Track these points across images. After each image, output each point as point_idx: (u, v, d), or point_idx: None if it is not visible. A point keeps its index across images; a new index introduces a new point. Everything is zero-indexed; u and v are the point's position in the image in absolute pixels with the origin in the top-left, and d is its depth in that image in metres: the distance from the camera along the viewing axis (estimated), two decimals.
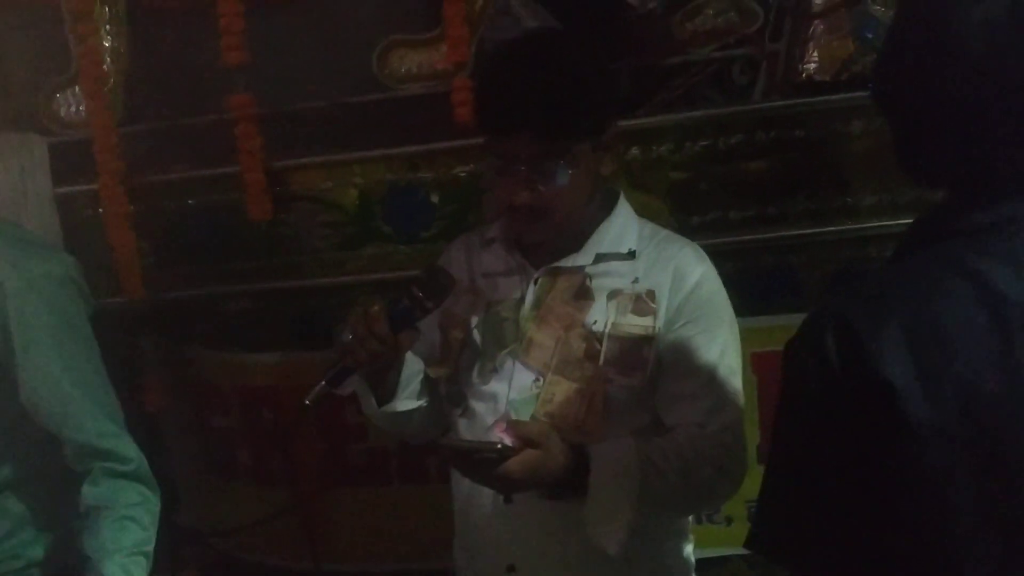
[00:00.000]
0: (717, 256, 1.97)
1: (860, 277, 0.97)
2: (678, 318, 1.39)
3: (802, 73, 1.93)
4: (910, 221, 1.01)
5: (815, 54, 1.92)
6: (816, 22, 1.91)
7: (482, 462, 1.29)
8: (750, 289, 1.99)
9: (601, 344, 1.38)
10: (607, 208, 1.46)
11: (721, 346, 1.40)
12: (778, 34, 1.97)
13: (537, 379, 1.39)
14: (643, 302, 1.39)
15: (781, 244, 1.96)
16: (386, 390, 1.45)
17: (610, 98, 1.41)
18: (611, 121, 1.40)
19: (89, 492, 1.50)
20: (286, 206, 2.09)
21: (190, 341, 2.27)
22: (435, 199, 2.02)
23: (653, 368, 1.38)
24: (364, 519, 2.10)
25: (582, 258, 1.43)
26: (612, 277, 1.42)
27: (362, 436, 2.07)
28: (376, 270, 2.05)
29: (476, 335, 1.45)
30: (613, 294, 1.41)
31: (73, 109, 2.22)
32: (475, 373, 1.45)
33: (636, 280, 1.41)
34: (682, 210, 1.96)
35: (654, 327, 1.38)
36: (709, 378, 1.37)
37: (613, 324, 1.39)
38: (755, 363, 1.97)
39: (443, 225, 2.02)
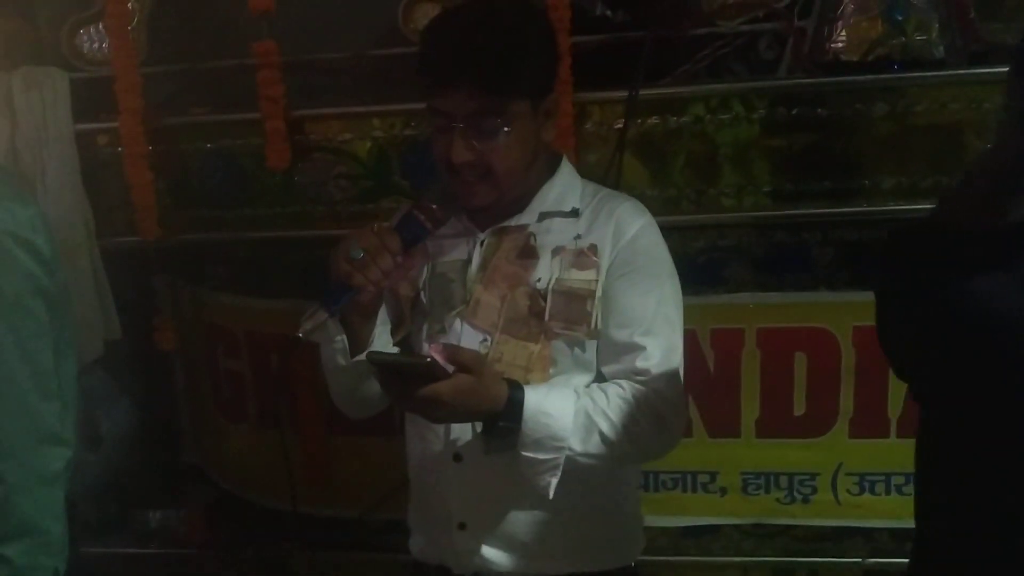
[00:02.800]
0: (731, 229, 1.99)
1: None
2: (617, 269, 1.40)
3: (829, 52, 1.92)
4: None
5: (843, 33, 1.90)
6: (846, 1, 1.89)
7: (410, 379, 1.26)
8: (760, 264, 1.99)
9: (546, 300, 1.39)
10: (551, 172, 1.47)
11: (658, 296, 1.40)
12: (807, 11, 1.95)
13: (485, 339, 1.40)
14: (585, 256, 1.41)
15: (795, 222, 1.96)
16: (361, 338, 1.41)
17: (549, 62, 1.40)
18: (551, 86, 1.40)
19: None
20: (304, 156, 2.09)
21: (203, 283, 2.29)
22: None
23: (597, 321, 1.39)
24: (367, 468, 2.13)
25: (526, 217, 1.44)
26: (555, 234, 1.44)
27: None
28: None
29: (423, 297, 1.46)
30: (557, 251, 1.42)
31: (96, 46, 2.22)
32: (423, 335, 1.45)
33: (578, 236, 1.43)
34: (698, 181, 1.96)
35: (596, 280, 1.40)
36: (646, 328, 1.38)
37: (557, 280, 1.40)
38: (759, 338, 1.98)
39: None
